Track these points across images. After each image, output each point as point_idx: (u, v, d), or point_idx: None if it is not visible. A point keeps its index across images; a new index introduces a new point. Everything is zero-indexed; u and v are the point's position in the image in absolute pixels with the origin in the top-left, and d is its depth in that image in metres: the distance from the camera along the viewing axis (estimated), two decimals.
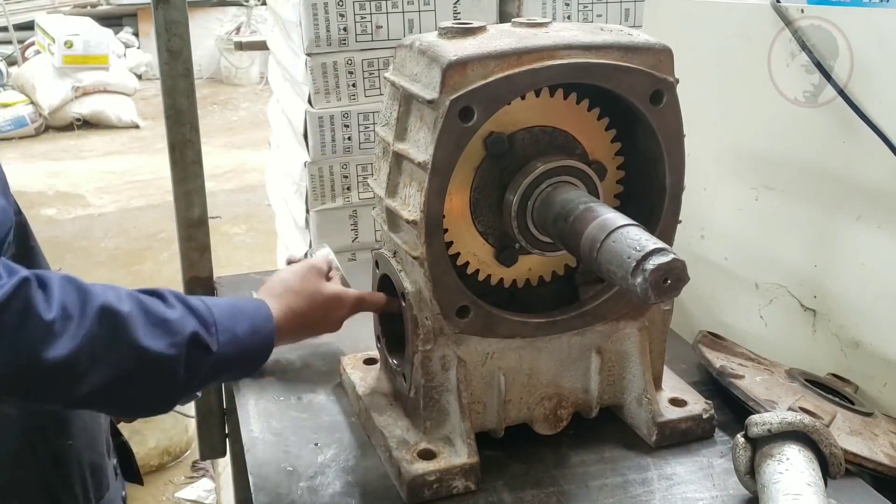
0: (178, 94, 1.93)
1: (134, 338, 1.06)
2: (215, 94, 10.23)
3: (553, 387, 1.42)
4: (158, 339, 1.08)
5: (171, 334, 1.09)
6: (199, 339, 1.12)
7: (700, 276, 1.83)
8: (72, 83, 8.50)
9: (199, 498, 3.37)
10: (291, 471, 1.36)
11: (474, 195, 1.33)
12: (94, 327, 1.03)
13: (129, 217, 6.24)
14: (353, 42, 2.39)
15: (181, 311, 1.13)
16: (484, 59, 1.19)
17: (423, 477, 1.29)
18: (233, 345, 1.17)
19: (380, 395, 1.49)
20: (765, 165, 1.78)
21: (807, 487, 1.18)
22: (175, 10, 1.88)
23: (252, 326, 1.22)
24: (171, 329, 1.10)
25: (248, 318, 1.22)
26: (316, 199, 2.49)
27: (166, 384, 1.12)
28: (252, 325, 1.22)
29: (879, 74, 1.51)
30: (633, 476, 1.36)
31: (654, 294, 1.08)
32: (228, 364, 1.18)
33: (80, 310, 1.03)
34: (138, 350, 1.06)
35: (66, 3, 10.55)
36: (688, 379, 1.59)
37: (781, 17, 1.64)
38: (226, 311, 1.19)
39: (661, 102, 1.29)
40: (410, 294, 1.31)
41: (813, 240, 1.69)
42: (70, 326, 1.01)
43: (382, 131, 1.36)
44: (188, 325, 1.12)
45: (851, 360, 1.64)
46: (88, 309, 1.03)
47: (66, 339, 1.00)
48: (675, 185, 1.34)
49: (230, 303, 1.24)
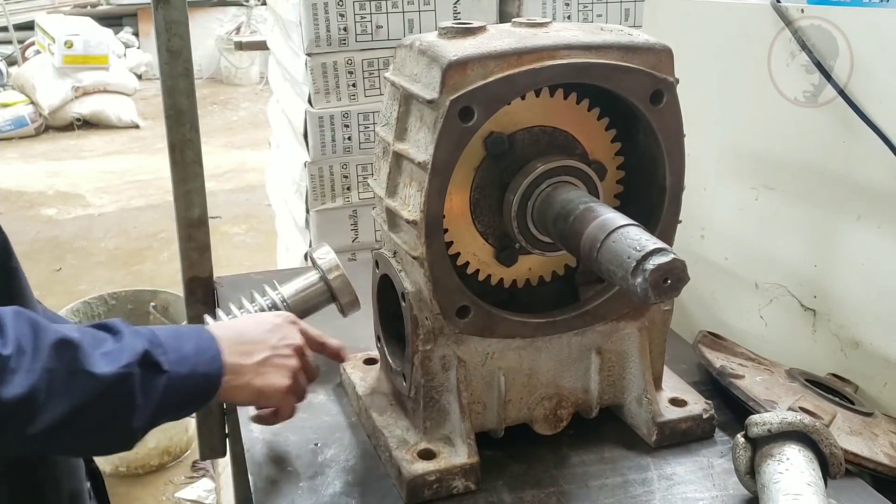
0: (178, 94, 1.93)
1: (88, 365, 1.04)
2: (215, 94, 10.23)
3: (553, 387, 1.42)
4: (111, 364, 1.06)
5: (122, 357, 1.07)
6: (150, 357, 1.10)
7: (700, 276, 1.83)
8: (72, 83, 8.50)
9: (199, 498, 3.37)
10: (291, 471, 1.36)
11: (474, 195, 1.33)
12: (49, 359, 1.01)
13: (129, 217, 6.24)
14: (353, 42, 2.39)
15: (128, 334, 1.11)
16: (484, 59, 1.19)
17: (423, 477, 1.29)
18: (182, 364, 1.13)
19: (380, 395, 1.49)
20: (765, 165, 1.78)
21: (807, 487, 1.18)
22: (175, 10, 1.88)
23: (197, 346, 1.18)
24: (121, 352, 1.08)
25: (191, 339, 1.18)
26: (316, 199, 2.49)
27: (124, 410, 1.08)
28: (197, 344, 1.18)
29: (879, 74, 1.51)
30: (633, 476, 1.36)
31: (654, 294, 1.08)
32: (184, 384, 1.14)
33: (34, 342, 1.01)
34: (93, 377, 1.04)
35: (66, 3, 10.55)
36: (688, 379, 1.59)
37: (781, 17, 1.64)
38: (170, 333, 1.16)
39: (661, 102, 1.29)
40: (410, 294, 1.31)
41: (813, 240, 1.69)
42: (25, 360, 0.99)
43: (382, 131, 1.36)
44: (137, 344, 1.10)
45: (851, 360, 1.64)
46: (43, 341, 1.01)
47: (23, 374, 0.98)
48: (675, 185, 1.34)
49: (172, 328, 1.22)
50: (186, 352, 1.15)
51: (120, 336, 1.10)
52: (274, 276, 2.23)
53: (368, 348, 1.59)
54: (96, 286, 4.79)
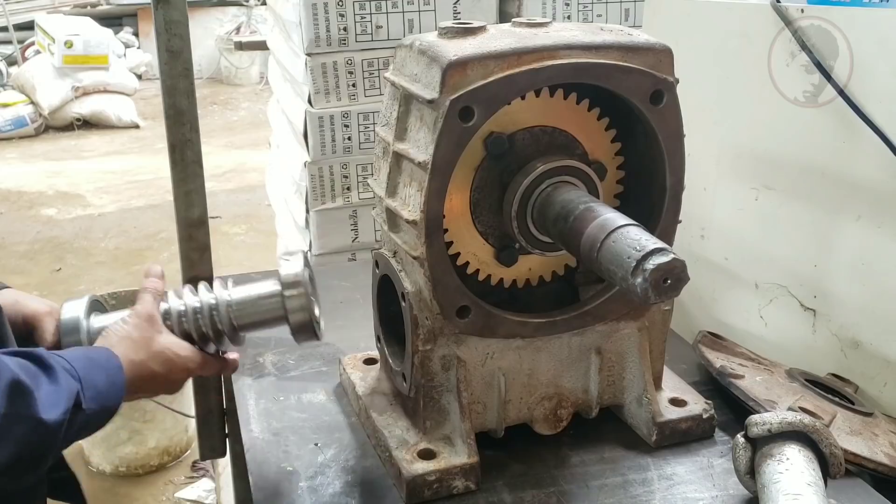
0: (178, 94, 1.92)
1: (35, 410, 1.02)
2: (215, 94, 10.22)
3: (553, 387, 1.42)
4: (53, 409, 1.04)
5: (62, 401, 1.06)
6: (79, 399, 1.09)
7: (700, 276, 1.82)
8: (72, 83, 8.49)
9: (199, 498, 3.36)
10: (291, 471, 1.36)
11: (474, 195, 1.33)
12: (3, 404, 0.98)
13: (129, 217, 6.23)
14: (353, 42, 2.39)
15: (62, 374, 1.08)
16: (484, 59, 1.19)
17: (423, 477, 1.29)
18: (96, 400, 1.12)
19: (380, 395, 1.48)
20: (765, 165, 1.77)
21: (807, 487, 1.18)
22: (175, 10, 1.88)
23: (108, 378, 1.16)
24: (60, 394, 1.06)
25: (103, 370, 1.17)
26: (316, 199, 2.49)
27: (48, 451, 1.07)
28: (108, 376, 1.16)
29: (879, 74, 1.51)
30: (633, 476, 1.36)
31: (654, 294, 1.08)
32: (89, 420, 1.12)
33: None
34: (39, 423, 1.02)
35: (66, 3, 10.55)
36: (688, 379, 1.59)
37: (781, 17, 1.64)
38: (85, 365, 1.14)
39: (661, 102, 1.29)
40: (410, 294, 1.31)
41: (813, 240, 1.69)
42: None
43: (382, 131, 1.36)
44: (73, 387, 1.08)
45: (851, 360, 1.64)
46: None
47: None
48: (675, 185, 1.34)
49: (85, 355, 1.18)
50: (99, 386, 1.13)
51: (54, 374, 1.07)
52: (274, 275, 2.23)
53: (368, 348, 1.59)
54: (96, 286, 4.79)
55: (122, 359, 1.21)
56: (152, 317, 1.30)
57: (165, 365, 1.27)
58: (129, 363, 1.21)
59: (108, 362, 1.19)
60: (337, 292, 1.96)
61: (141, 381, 1.24)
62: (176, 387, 1.33)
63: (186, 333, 1.34)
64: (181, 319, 1.34)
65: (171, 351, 1.29)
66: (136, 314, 1.30)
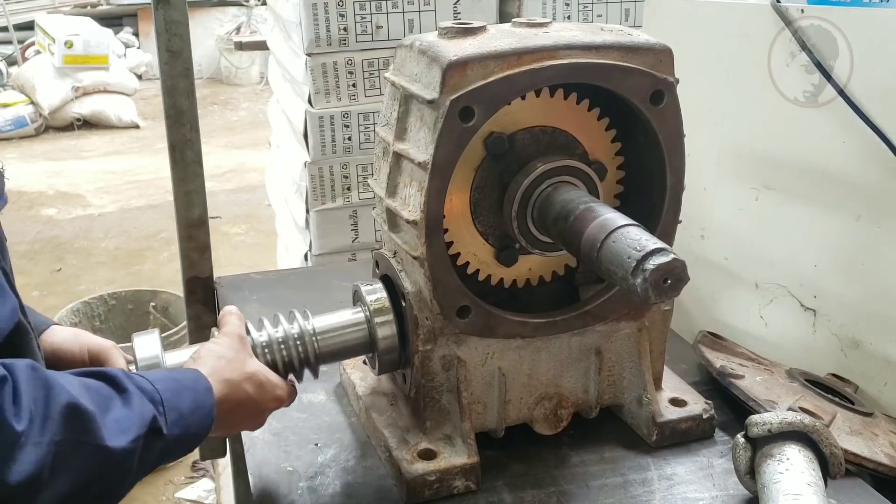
0: (178, 94, 1.93)
1: (98, 437, 0.95)
2: (215, 94, 10.22)
3: (553, 387, 1.42)
4: (121, 436, 0.98)
5: (132, 426, 0.99)
6: (155, 423, 1.02)
7: (700, 276, 1.82)
8: (72, 83, 8.49)
9: (199, 498, 3.36)
10: (291, 471, 1.36)
11: (474, 195, 1.33)
12: (58, 430, 0.92)
13: (129, 217, 6.23)
14: (353, 42, 2.39)
15: (137, 396, 1.02)
16: (484, 59, 1.19)
17: (423, 477, 1.29)
18: (179, 425, 1.06)
19: (380, 395, 1.48)
20: (765, 165, 1.77)
21: (807, 487, 1.18)
22: (175, 10, 1.88)
23: (194, 401, 1.10)
24: (131, 419, 1.00)
25: (189, 391, 1.10)
26: (316, 199, 2.50)
27: (121, 480, 1.01)
28: (194, 399, 1.10)
29: (879, 74, 1.51)
30: (633, 476, 1.36)
31: (654, 294, 1.08)
32: (171, 446, 1.06)
33: (45, 409, 0.92)
34: (102, 451, 0.96)
35: (66, 3, 10.55)
36: (688, 379, 1.59)
37: (781, 17, 1.64)
38: (169, 387, 1.07)
39: (661, 102, 1.29)
40: (410, 294, 1.31)
41: (813, 240, 1.69)
42: (34, 432, 0.90)
43: (382, 131, 1.36)
44: (146, 410, 1.02)
45: (851, 360, 1.64)
46: (53, 408, 0.92)
47: (30, 448, 0.89)
48: (675, 185, 1.34)
49: (170, 377, 1.12)
50: (183, 409, 1.07)
51: (128, 397, 1.01)
52: (273, 276, 2.24)
53: None
54: (96, 286, 4.79)
55: (214, 379, 1.14)
56: (243, 338, 1.26)
57: (259, 389, 1.21)
58: (222, 383, 1.15)
59: (195, 384, 1.12)
60: (337, 292, 1.96)
61: (233, 405, 1.17)
62: (263, 418, 1.26)
63: (271, 364, 1.30)
64: (265, 350, 1.31)
65: (264, 375, 1.23)
66: (226, 335, 1.24)
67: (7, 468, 0.87)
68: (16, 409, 0.89)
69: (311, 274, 2.38)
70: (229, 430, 1.26)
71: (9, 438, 0.88)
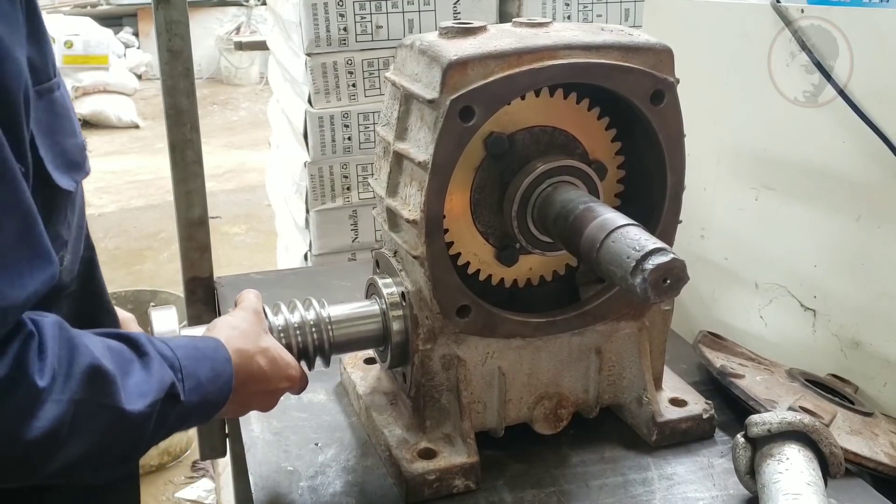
0: (178, 94, 1.93)
1: (117, 400, 0.96)
2: (215, 94, 10.23)
3: (553, 386, 1.42)
4: (139, 399, 0.98)
5: (150, 391, 0.99)
6: (174, 389, 1.03)
7: (700, 276, 1.83)
8: (72, 83, 8.49)
9: (199, 498, 3.37)
10: (291, 471, 1.36)
11: (475, 195, 1.33)
12: (79, 390, 0.92)
13: (129, 217, 6.24)
14: (353, 42, 2.39)
15: (157, 361, 1.03)
16: (484, 59, 1.19)
17: (423, 476, 1.29)
18: (197, 392, 1.06)
19: (380, 394, 1.49)
20: (765, 165, 1.78)
21: (807, 487, 1.18)
22: (175, 10, 1.88)
23: (213, 370, 1.10)
24: (149, 384, 1.00)
25: (208, 360, 1.11)
26: (316, 199, 2.49)
27: (136, 443, 1.02)
28: (213, 367, 1.11)
29: (879, 74, 1.51)
30: (633, 476, 1.36)
31: (653, 294, 1.08)
32: (188, 412, 1.06)
33: (68, 368, 0.92)
34: (120, 414, 0.96)
35: (66, 3, 10.55)
36: (688, 379, 1.59)
37: (781, 17, 1.64)
38: (189, 355, 1.08)
39: (661, 102, 1.29)
40: (410, 294, 1.31)
41: (813, 240, 1.69)
42: (55, 388, 0.90)
43: (383, 131, 1.36)
44: (166, 375, 1.02)
45: (851, 360, 1.64)
46: (76, 367, 0.93)
47: (50, 404, 0.89)
48: (675, 185, 1.34)
49: (191, 344, 1.12)
50: (202, 377, 1.08)
51: (148, 361, 1.02)
52: (273, 276, 2.24)
53: None
54: None
55: (231, 349, 1.15)
56: (259, 313, 1.27)
57: (272, 364, 1.22)
58: (237, 353, 1.16)
59: (215, 352, 1.13)
60: (337, 292, 1.96)
61: (246, 377, 1.17)
62: (275, 398, 1.27)
63: (286, 347, 1.31)
64: (280, 334, 1.32)
65: (277, 351, 1.24)
66: (242, 309, 1.26)
67: (26, 424, 0.88)
68: (40, 364, 0.89)
69: (311, 274, 2.38)
70: (242, 407, 1.25)
71: (30, 394, 0.88)
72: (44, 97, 0.96)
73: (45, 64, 0.96)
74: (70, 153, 1.01)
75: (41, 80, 0.95)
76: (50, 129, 0.96)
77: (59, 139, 0.99)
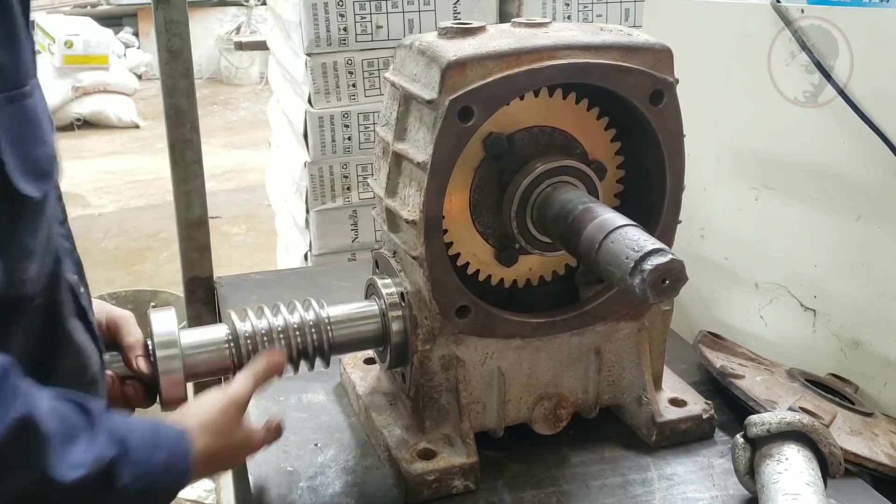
0: (178, 93, 1.93)
1: (44, 463, 0.90)
2: (215, 94, 10.22)
3: (553, 387, 1.42)
4: (72, 470, 0.92)
5: (87, 465, 0.93)
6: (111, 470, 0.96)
7: (700, 276, 1.83)
8: (72, 83, 8.49)
9: (199, 498, 3.36)
10: (291, 471, 1.36)
11: (474, 195, 1.33)
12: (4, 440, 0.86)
13: (129, 217, 6.23)
14: (353, 42, 2.39)
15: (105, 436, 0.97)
16: (483, 60, 1.19)
17: (423, 476, 1.29)
18: (144, 479, 1.00)
19: (380, 395, 1.48)
20: (765, 165, 1.77)
21: (806, 487, 1.18)
22: (175, 10, 1.88)
23: (167, 462, 1.05)
24: (88, 459, 0.94)
25: (164, 450, 1.05)
26: (316, 199, 2.49)
27: None
28: (168, 460, 1.05)
29: (879, 74, 1.50)
30: (633, 476, 1.36)
31: (652, 294, 1.08)
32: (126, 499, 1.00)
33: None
34: (45, 479, 0.90)
35: (66, 3, 10.54)
36: (688, 379, 1.59)
37: (781, 17, 1.64)
38: (146, 440, 1.03)
39: (661, 102, 1.29)
40: (410, 294, 1.31)
41: (813, 240, 1.69)
42: None
43: (382, 131, 1.36)
44: (105, 454, 0.96)
45: (851, 360, 1.64)
46: (7, 415, 0.86)
47: None
48: (675, 185, 1.34)
49: (152, 429, 1.07)
50: (153, 466, 1.03)
51: (95, 433, 0.96)
52: (273, 276, 2.24)
53: None
54: (96, 286, 4.78)
55: (197, 445, 1.11)
56: (243, 406, 1.21)
57: (238, 455, 1.22)
58: (201, 450, 1.12)
59: (175, 445, 1.08)
60: (337, 292, 1.96)
61: (205, 468, 1.16)
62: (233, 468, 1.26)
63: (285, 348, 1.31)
64: (280, 336, 1.31)
65: (247, 440, 1.21)
66: (228, 397, 1.19)
67: None
68: None
69: (311, 274, 2.38)
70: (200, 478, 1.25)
71: None
72: (15, 103, 0.92)
73: (17, 69, 0.92)
74: (38, 161, 0.97)
75: (12, 86, 0.91)
76: (19, 135, 0.92)
77: (28, 147, 0.95)
